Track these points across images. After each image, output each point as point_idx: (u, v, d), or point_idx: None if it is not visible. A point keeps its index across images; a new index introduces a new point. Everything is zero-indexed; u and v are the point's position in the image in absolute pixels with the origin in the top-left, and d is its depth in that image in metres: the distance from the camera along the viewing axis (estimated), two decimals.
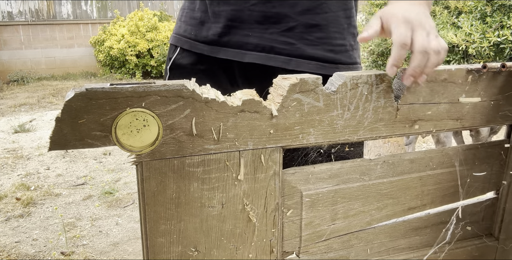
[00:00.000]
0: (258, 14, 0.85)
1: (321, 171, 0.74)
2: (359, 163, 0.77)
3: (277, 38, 0.86)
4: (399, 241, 0.85)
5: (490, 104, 0.81)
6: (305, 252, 0.77)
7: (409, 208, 0.83)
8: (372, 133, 0.74)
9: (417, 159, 0.81)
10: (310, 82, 0.67)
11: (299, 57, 0.87)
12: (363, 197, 0.78)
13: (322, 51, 0.87)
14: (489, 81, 0.79)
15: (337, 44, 0.89)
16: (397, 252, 0.86)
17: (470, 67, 0.77)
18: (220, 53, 0.90)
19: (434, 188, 0.84)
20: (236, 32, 0.88)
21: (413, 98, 0.74)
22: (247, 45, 0.87)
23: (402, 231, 0.85)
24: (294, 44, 0.86)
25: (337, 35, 0.88)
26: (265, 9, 0.85)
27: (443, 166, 0.83)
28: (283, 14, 0.84)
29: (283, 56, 0.86)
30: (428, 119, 0.77)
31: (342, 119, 0.71)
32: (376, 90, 0.71)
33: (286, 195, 0.72)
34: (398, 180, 0.80)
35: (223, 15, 0.88)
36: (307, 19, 0.85)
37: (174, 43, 0.98)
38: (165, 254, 0.67)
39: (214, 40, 0.90)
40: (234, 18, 0.87)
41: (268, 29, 0.86)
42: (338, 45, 0.89)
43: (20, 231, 2.61)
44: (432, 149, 0.83)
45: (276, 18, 0.85)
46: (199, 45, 0.92)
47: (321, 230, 0.77)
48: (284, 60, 0.87)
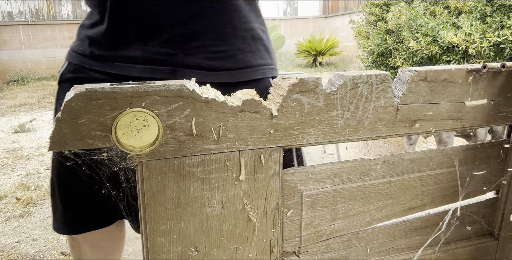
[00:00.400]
0: (138, 28, 0.88)
1: (321, 171, 0.74)
2: (359, 163, 0.77)
3: (159, 50, 0.88)
4: (399, 241, 0.85)
5: (490, 104, 0.81)
6: (305, 252, 0.77)
7: (409, 208, 0.83)
8: (372, 133, 0.74)
9: (417, 159, 0.81)
10: (310, 82, 0.67)
11: (183, 66, 0.88)
12: (363, 197, 0.78)
13: (201, 59, 0.89)
14: (489, 81, 0.79)
15: (217, 51, 0.90)
16: (397, 252, 0.86)
17: (470, 67, 0.77)
18: (108, 67, 0.91)
19: (434, 188, 0.84)
20: (122, 46, 0.90)
21: (413, 98, 0.74)
22: (134, 59, 0.89)
23: (402, 231, 0.85)
24: (175, 55, 0.88)
25: (216, 42, 0.89)
26: (143, 23, 0.87)
27: (443, 166, 0.83)
28: (159, 26, 0.87)
29: (168, 67, 0.88)
30: (428, 119, 0.77)
31: (342, 119, 0.71)
32: (376, 90, 0.71)
33: (286, 195, 0.72)
34: (398, 180, 0.80)
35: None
36: (181, 30, 0.87)
37: (67, 58, 1.00)
38: (165, 254, 0.67)
39: (101, 55, 0.91)
40: (117, 33, 0.89)
41: (149, 42, 0.88)
42: (218, 52, 0.90)
43: (20, 231, 2.61)
44: (432, 149, 0.83)
45: (154, 30, 0.87)
46: (87, 61, 0.93)
47: (321, 230, 0.77)
48: (169, 71, 0.88)
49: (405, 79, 0.74)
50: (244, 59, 0.93)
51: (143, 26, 0.88)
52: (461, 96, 0.78)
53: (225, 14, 0.90)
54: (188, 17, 0.87)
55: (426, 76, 0.74)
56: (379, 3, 3.46)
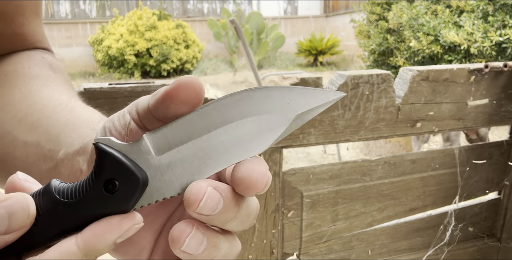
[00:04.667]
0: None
1: (322, 171, 0.73)
2: (360, 163, 0.76)
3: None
4: (400, 242, 0.85)
5: (492, 104, 0.80)
6: (305, 253, 0.76)
7: (410, 209, 0.82)
8: (373, 133, 0.73)
9: (419, 159, 0.80)
10: (310, 81, 0.66)
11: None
12: (364, 198, 0.78)
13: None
14: (491, 81, 0.78)
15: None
16: (399, 253, 0.85)
17: (472, 67, 0.76)
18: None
19: (436, 189, 0.83)
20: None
21: (415, 97, 0.74)
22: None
23: (404, 232, 0.84)
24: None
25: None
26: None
27: (445, 167, 0.82)
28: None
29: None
30: (430, 119, 0.76)
31: (343, 119, 0.70)
32: (377, 90, 0.70)
33: (286, 195, 0.72)
34: (399, 180, 0.79)
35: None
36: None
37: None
38: None
39: None
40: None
41: None
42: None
43: None
44: (433, 149, 0.82)
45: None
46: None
47: (321, 231, 0.76)
48: None
49: (406, 79, 0.73)
50: None
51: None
52: (463, 95, 0.77)
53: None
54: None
55: (428, 75, 0.73)
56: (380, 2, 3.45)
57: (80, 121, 0.37)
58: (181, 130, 0.27)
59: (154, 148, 0.27)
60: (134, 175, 0.26)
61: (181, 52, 7.78)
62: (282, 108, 0.27)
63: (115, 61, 7.87)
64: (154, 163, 0.27)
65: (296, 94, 0.27)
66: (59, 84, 0.45)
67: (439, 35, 2.65)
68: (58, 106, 0.40)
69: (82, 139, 0.35)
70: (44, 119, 0.38)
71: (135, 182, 0.26)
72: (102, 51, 7.91)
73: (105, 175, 0.26)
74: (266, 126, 0.27)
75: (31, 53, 0.48)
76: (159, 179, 0.27)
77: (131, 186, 0.26)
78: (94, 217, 0.26)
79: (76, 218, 0.26)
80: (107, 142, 0.27)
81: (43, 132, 0.38)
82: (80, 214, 0.26)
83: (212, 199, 0.26)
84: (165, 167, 0.27)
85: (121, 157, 0.27)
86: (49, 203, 0.26)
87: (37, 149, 0.37)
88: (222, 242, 0.28)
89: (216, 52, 8.91)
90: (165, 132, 0.27)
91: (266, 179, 0.26)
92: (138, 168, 0.27)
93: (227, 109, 0.27)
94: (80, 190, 0.27)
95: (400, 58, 3.06)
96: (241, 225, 0.29)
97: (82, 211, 0.26)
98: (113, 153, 0.27)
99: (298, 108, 0.27)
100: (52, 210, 0.26)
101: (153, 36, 7.61)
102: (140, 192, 0.27)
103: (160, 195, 0.27)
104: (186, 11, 9.63)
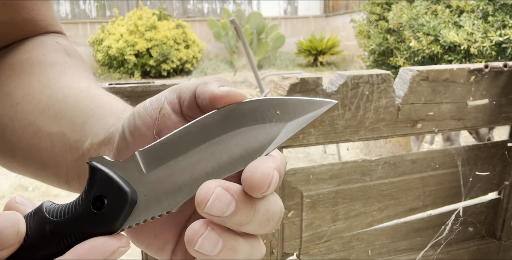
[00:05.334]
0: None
1: (322, 171, 0.73)
2: (360, 163, 0.76)
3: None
4: (400, 242, 0.85)
5: (492, 104, 0.80)
6: (305, 253, 0.76)
7: (410, 209, 0.82)
8: (373, 133, 0.73)
9: (419, 159, 0.80)
10: (310, 81, 0.66)
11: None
12: (364, 198, 0.78)
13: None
14: (491, 81, 0.78)
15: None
16: (399, 253, 0.85)
17: (472, 67, 0.76)
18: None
19: (436, 189, 0.83)
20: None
21: (415, 98, 0.74)
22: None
23: (404, 232, 0.84)
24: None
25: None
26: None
27: (445, 167, 0.82)
28: None
29: None
30: (430, 119, 0.76)
31: (343, 119, 0.70)
32: (377, 90, 0.70)
33: (286, 195, 0.72)
34: (399, 180, 0.79)
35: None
36: None
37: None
38: None
39: None
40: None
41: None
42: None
43: None
44: (434, 149, 0.82)
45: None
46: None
47: (321, 231, 0.76)
48: None
49: (406, 79, 0.73)
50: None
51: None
52: (463, 96, 0.77)
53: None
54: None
55: (428, 75, 0.73)
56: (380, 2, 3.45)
57: (104, 110, 0.36)
58: (173, 146, 0.27)
59: (145, 165, 0.27)
60: (122, 190, 0.26)
61: (181, 52, 7.78)
62: (273, 118, 0.27)
63: (115, 61, 7.86)
64: (144, 180, 0.26)
65: (286, 104, 0.27)
66: (76, 70, 0.44)
67: (439, 35, 2.65)
68: (80, 95, 0.39)
69: (107, 128, 0.34)
70: (67, 110, 0.38)
71: (123, 198, 0.26)
72: (102, 51, 7.90)
73: (94, 192, 0.26)
74: (257, 137, 0.27)
75: (44, 38, 0.47)
76: (148, 196, 0.26)
77: (119, 202, 0.26)
78: (82, 236, 0.25)
79: (63, 237, 0.26)
80: (100, 161, 0.27)
81: (67, 123, 0.37)
82: (67, 233, 0.25)
83: (220, 200, 0.25)
84: (155, 184, 0.27)
85: (111, 173, 0.26)
86: (39, 223, 0.26)
87: (63, 140, 0.37)
88: (241, 245, 0.27)
89: (216, 52, 8.91)
90: (157, 148, 0.27)
91: (269, 178, 0.25)
92: (127, 184, 0.26)
93: (217, 123, 0.27)
94: (70, 209, 0.26)
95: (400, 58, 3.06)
96: (260, 229, 0.28)
97: (69, 230, 0.25)
98: (104, 170, 0.26)
99: (289, 118, 0.27)
100: (40, 230, 0.26)
101: (153, 36, 7.61)
102: (128, 209, 0.26)
103: (149, 214, 0.27)
104: (186, 11, 9.63)
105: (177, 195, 0.27)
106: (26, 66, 0.43)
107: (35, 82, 0.41)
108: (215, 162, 0.27)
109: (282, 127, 0.27)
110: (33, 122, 0.39)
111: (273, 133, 0.27)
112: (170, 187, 0.27)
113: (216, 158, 0.27)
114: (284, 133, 0.27)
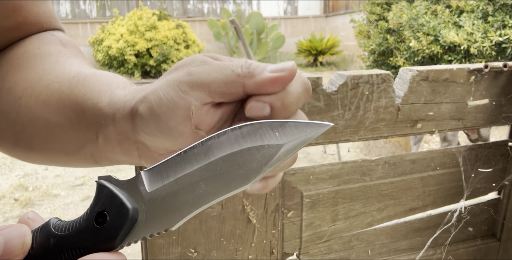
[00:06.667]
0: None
1: (322, 171, 0.73)
2: (360, 163, 0.76)
3: None
4: (400, 242, 0.85)
5: (492, 105, 0.80)
6: (305, 253, 0.76)
7: (410, 209, 0.82)
8: (373, 133, 0.73)
9: (419, 159, 0.80)
10: (310, 81, 0.66)
11: None
12: (364, 198, 0.78)
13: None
14: (491, 81, 0.78)
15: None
16: (399, 253, 0.85)
17: (471, 67, 0.76)
18: None
19: (436, 189, 0.83)
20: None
21: (415, 98, 0.74)
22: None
23: (403, 232, 0.84)
24: None
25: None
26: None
27: (445, 167, 0.83)
28: None
29: None
30: (429, 119, 0.76)
31: (343, 119, 0.70)
32: (377, 90, 0.70)
33: (286, 195, 0.72)
34: (399, 180, 0.79)
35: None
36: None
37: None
38: (164, 255, 0.66)
39: None
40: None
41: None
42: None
43: None
44: (433, 149, 0.82)
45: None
46: None
47: (321, 231, 0.76)
48: None
49: (406, 79, 0.73)
50: None
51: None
52: (463, 96, 0.77)
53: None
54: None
55: (428, 75, 0.73)
56: (380, 2, 3.45)
57: (94, 93, 0.37)
58: (176, 165, 0.28)
59: (148, 184, 0.28)
60: (124, 206, 0.27)
61: (181, 52, 7.78)
62: (271, 139, 0.28)
63: (115, 61, 7.87)
64: (146, 197, 0.28)
65: (284, 127, 0.29)
66: (69, 57, 0.44)
67: (439, 35, 2.65)
68: (72, 81, 0.39)
69: (102, 115, 0.36)
70: (65, 98, 0.39)
71: (125, 214, 0.27)
72: (102, 51, 7.91)
73: (98, 207, 0.27)
74: (256, 158, 0.28)
75: (41, 33, 0.48)
76: (149, 214, 0.28)
77: (120, 218, 0.27)
78: (83, 251, 0.26)
79: (65, 251, 0.27)
80: (107, 179, 0.29)
81: (70, 112, 0.38)
82: (69, 247, 0.27)
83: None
84: (157, 202, 0.28)
85: (115, 190, 0.28)
86: (44, 237, 0.27)
87: (73, 128, 0.38)
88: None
89: (216, 52, 8.91)
90: (161, 168, 0.28)
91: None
92: (130, 201, 0.27)
93: (220, 143, 0.28)
94: (74, 224, 0.27)
95: (400, 58, 3.06)
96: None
97: (72, 244, 0.27)
98: (109, 187, 0.28)
99: (286, 139, 0.28)
100: (45, 243, 0.27)
101: (153, 36, 7.61)
102: (128, 226, 0.27)
103: (148, 231, 0.28)
104: (186, 11, 9.63)
105: (177, 214, 0.28)
106: (23, 59, 0.44)
107: (33, 75, 0.42)
108: (215, 181, 0.28)
109: (279, 148, 0.28)
110: (40, 114, 0.40)
111: (270, 154, 0.28)
112: (171, 205, 0.28)
113: (216, 178, 0.28)
114: (281, 154, 0.28)
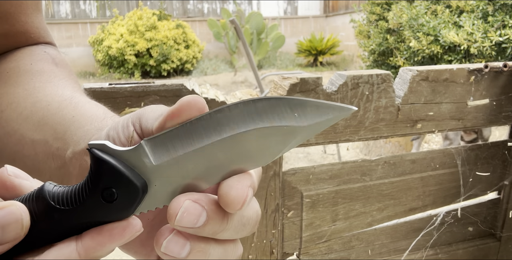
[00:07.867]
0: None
1: (322, 171, 0.73)
2: (360, 163, 0.76)
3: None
4: (400, 242, 0.85)
5: (492, 104, 0.80)
6: (305, 253, 0.76)
7: (410, 208, 0.82)
8: (373, 133, 0.73)
9: (419, 159, 0.80)
10: (310, 81, 0.66)
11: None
12: (364, 198, 0.78)
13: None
14: (491, 81, 0.78)
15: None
16: (399, 253, 0.85)
17: (471, 67, 0.76)
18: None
19: (436, 189, 0.83)
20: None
21: (415, 98, 0.74)
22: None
23: (403, 232, 0.84)
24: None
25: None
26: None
27: (445, 167, 0.83)
28: None
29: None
30: (429, 119, 0.76)
31: (343, 119, 0.70)
32: (377, 90, 0.70)
33: (286, 195, 0.72)
34: (399, 180, 0.79)
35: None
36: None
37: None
38: None
39: None
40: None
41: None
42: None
43: None
44: (433, 149, 0.82)
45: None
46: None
47: (321, 231, 0.76)
48: None
49: (406, 79, 0.73)
50: None
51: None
52: (463, 96, 0.77)
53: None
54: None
55: (428, 75, 0.73)
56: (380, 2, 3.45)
57: (85, 118, 0.37)
58: (182, 138, 0.27)
59: (152, 155, 0.26)
60: (133, 184, 0.26)
61: (181, 52, 7.78)
62: (290, 120, 0.26)
63: (115, 61, 7.86)
64: (153, 170, 0.26)
65: (305, 107, 0.26)
66: (62, 79, 0.44)
67: (439, 35, 2.65)
68: (63, 102, 0.39)
69: (88, 138, 0.34)
70: (50, 117, 0.38)
71: (134, 191, 0.26)
72: (102, 51, 7.90)
73: (102, 184, 0.26)
74: (273, 139, 0.26)
75: (33, 48, 0.48)
76: (159, 187, 0.27)
77: (130, 195, 0.26)
78: (93, 223, 0.26)
79: (74, 224, 0.26)
80: (102, 148, 0.26)
81: (50, 130, 0.37)
82: (78, 221, 0.26)
83: (190, 212, 0.25)
84: (166, 176, 0.26)
85: (118, 165, 0.26)
86: (44, 209, 0.26)
87: (45, 147, 0.37)
88: (212, 248, 0.27)
89: (216, 52, 8.91)
90: (165, 139, 0.27)
91: (243, 197, 0.25)
92: (136, 176, 0.26)
93: (232, 118, 0.26)
94: (77, 198, 0.26)
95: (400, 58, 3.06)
96: (236, 234, 0.28)
97: (80, 219, 0.26)
98: (110, 162, 0.26)
99: (306, 122, 0.26)
100: (48, 217, 0.26)
101: (153, 36, 7.61)
102: (139, 201, 0.26)
103: (160, 203, 0.27)
104: (186, 11, 9.63)
105: (187, 186, 0.27)
106: (13, 74, 0.43)
107: (21, 90, 0.42)
108: (227, 159, 0.26)
109: (299, 131, 0.26)
110: (17, 129, 0.39)
111: (288, 137, 0.26)
112: (182, 179, 0.27)
113: (227, 157, 0.26)
114: (300, 137, 0.27)
